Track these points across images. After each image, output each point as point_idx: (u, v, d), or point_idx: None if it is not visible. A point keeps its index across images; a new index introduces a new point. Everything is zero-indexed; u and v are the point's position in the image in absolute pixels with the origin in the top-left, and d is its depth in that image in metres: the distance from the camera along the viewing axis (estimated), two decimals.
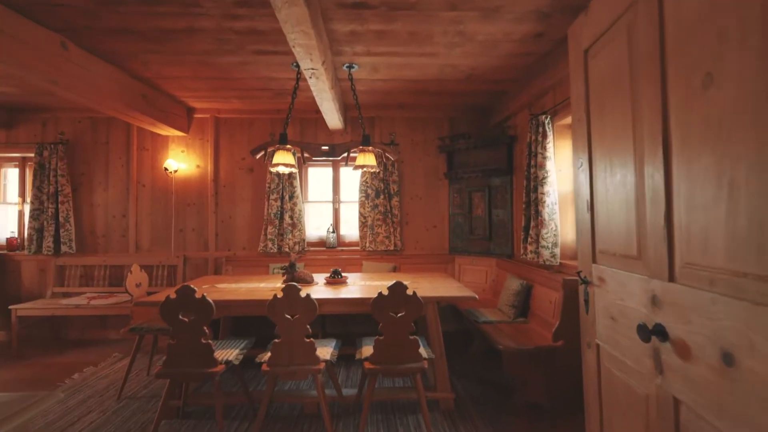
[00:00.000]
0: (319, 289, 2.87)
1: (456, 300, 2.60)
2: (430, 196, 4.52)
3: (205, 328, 2.10)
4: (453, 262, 4.43)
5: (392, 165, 4.37)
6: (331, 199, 4.68)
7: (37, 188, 4.24)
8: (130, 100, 3.30)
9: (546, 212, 2.87)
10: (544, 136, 2.96)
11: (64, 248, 4.22)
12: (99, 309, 3.88)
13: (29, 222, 4.22)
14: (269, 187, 4.32)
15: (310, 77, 2.59)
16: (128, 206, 4.41)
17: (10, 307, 3.91)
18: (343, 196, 4.70)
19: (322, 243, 4.61)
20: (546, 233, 2.85)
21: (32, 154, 4.38)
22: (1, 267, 4.35)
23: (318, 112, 4.38)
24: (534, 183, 3.02)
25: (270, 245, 4.24)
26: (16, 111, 4.33)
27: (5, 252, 4.36)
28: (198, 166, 4.45)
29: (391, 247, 4.34)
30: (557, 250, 2.84)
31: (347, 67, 3.06)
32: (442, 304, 3.41)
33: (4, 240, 4.49)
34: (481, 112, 4.48)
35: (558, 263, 2.84)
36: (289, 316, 2.14)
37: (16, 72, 2.36)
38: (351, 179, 4.72)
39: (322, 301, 2.56)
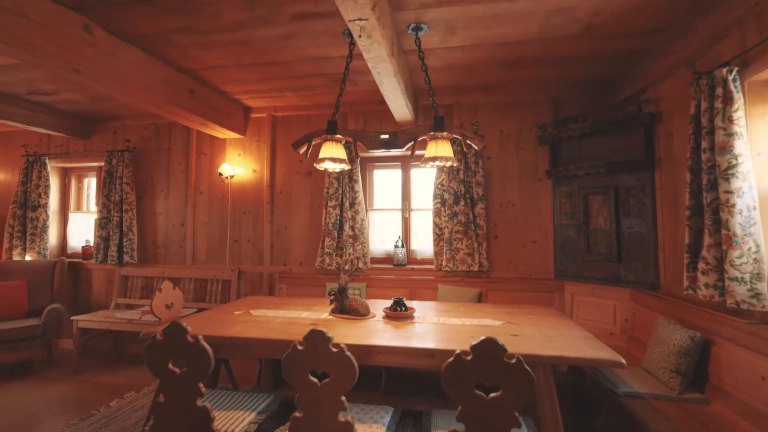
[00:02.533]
0: (373, 327, 2.15)
1: (587, 363, 1.66)
2: (526, 201, 3.55)
3: (200, 385, 1.51)
4: (561, 291, 3.37)
5: (475, 162, 3.51)
6: (399, 206, 3.97)
7: (105, 196, 4.26)
8: (173, 96, 3.00)
9: (737, 223, 1.77)
10: (728, 101, 1.88)
11: (126, 258, 4.16)
12: (149, 326, 3.66)
13: (97, 230, 4.26)
14: (327, 193, 3.77)
15: (360, 36, 1.92)
16: (186, 215, 4.22)
17: (72, 317, 3.91)
18: (414, 202, 3.96)
19: (389, 259, 3.91)
20: (739, 257, 1.75)
21: (103, 163, 4.46)
22: (76, 275, 4.46)
23: (383, 102, 3.72)
24: (710, 176, 1.93)
25: (327, 260, 3.67)
26: (92, 121, 4.46)
27: (80, 260, 4.47)
28: (254, 171, 4.10)
29: (475, 267, 3.45)
30: (763, 286, 1.72)
31: (413, 29, 2.34)
32: (561, 367, 2.40)
33: (80, 248, 4.64)
34: (598, 87, 3.40)
35: (766, 308, 1.72)
36: (314, 379, 1.44)
37: (34, 61, 2.10)
38: (424, 182, 3.97)
39: (374, 349, 1.83)
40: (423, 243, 3.91)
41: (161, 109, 3.03)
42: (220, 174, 3.98)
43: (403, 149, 2.48)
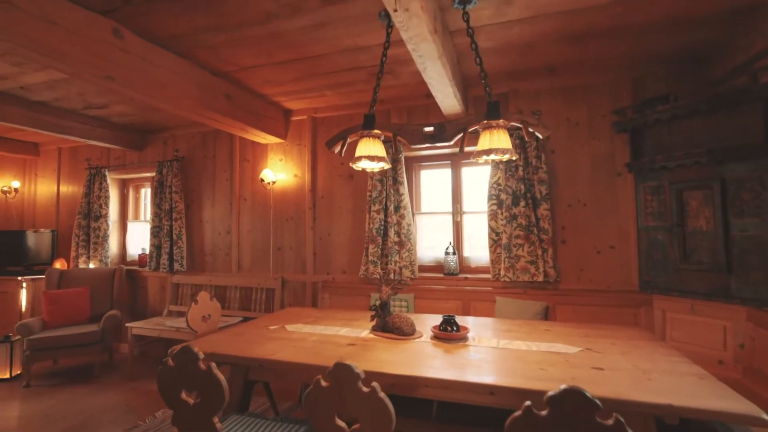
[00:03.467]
0: (419, 351, 1.85)
1: (710, 416, 1.23)
2: (600, 200, 3.05)
3: (215, 420, 1.30)
4: (648, 306, 2.83)
5: (537, 157, 3.08)
6: (450, 209, 3.63)
7: (157, 205, 4.38)
8: (209, 101, 2.94)
9: None
10: None
11: (176, 266, 4.23)
12: (192, 335, 3.65)
13: (150, 239, 4.39)
14: (370, 196, 3.53)
15: (395, 10, 1.64)
16: (231, 222, 4.21)
17: (127, 324, 4.02)
18: (466, 205, 3.60)
19: (439, 267, 3.58)
20: None
21: (155, 173, 4.60)
22: (133, 282, 4.64)
23: (429, 95, 3.42)
24: None
25: (372, 269, 3.42)
26: (144, 133, 4.63)
27: (137, 268, 4.64)
28: (296, 176, 3.98)
29: (539, 278, 3.02)
30: None
31: (460, 2, 2.02)
32: (670, 419, 1.91)
33: (137, 256, 4.82)
34: (692, 61, 2.83)
35: None
36: (342, 424, 1.17)
37: (67, 69, 2.08)
38: (477, 182, 3.59)
39: (419, 381, 1.53)
40: (477, 249, 3.53)
41: (197, 115, 2.98)
42: (262, 180, 3.90)
43: (451, 143, 2.16)
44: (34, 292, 4.40)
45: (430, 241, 3.70)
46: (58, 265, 4.57)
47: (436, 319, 2.52)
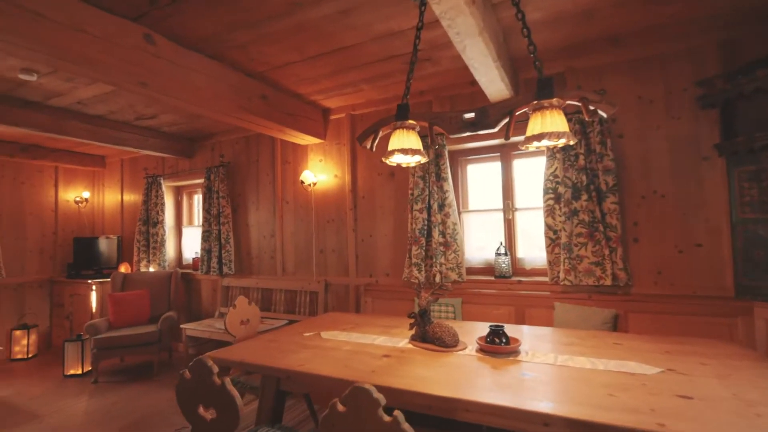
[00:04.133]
0: (461, 365, 1.64)
1: None
2: (682, 189, 2.61)
3: None
4: (747, 315, 2.37)
5: (602, 143, 2.71)
6: (500, 206, 3.35)
7: (206, 210, 4.54)
8: (245, 103, 2.94)
9: None
10: None
11: (225, 269, 4.35)
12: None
13: (201, 243, 4.56)
14: (412, 195, 3.36)
15: None
16: (275, 225, 4.25)
17: (181, 326, 4.20)
18: (519, 200, 3.30)
19: (489, 269, 3.31)
20: None
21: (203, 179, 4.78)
22: (188, 285, 4.86)
23: (473, 82, 3.18)
24: None
25: (415, 272, 3.24)
26: (193, 140, 4.83)
27: (191, 271, 4.86)
28: (336, 176, 3.92)
29: (606, 281, 2.65)
30: None
31: None
32: None
33: (191, 260, 5.06)
34: None
35: None
36: None
37: (101, 77, 2.15)
38: (531, 175, 3.28)
39: (458, 404, 1.34)
40: (532, 249, 3.21)
41: (233, 117, 3.00)
42: (302, 182, 3.88)
43: (496, 129, 1.92)
44: (102, 295, 4.76)
45: (479, 241, 3.44)
46: (123, 269, 4.91)
47: (484, 329, 2.29)
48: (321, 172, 3.99)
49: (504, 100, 1.85)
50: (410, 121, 1.98)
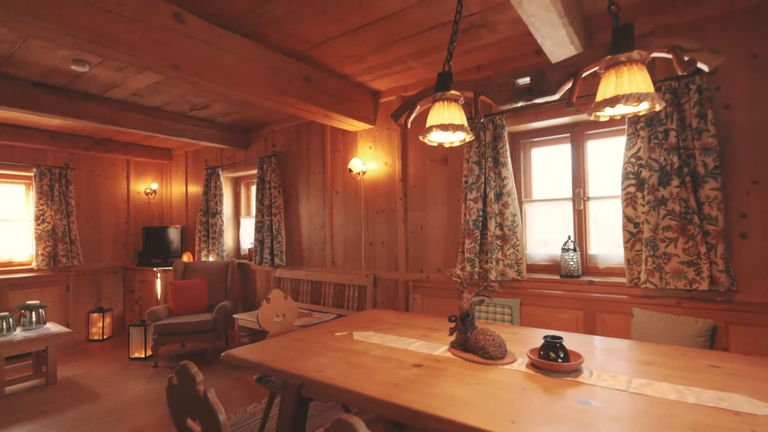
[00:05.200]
0: (506, 384, 1.41)
1: None
2: None
3: None
4: None
5: (700, 114, 2.24)
6: (570, 194, 2.97)
7: (259, 201, 4.66)
8: (285, 85, 2.89)
9: None
10: None
11: (276, 260, 4.44)
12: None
13: (254, 234, 4.69)
14: (466, 182, 3.10)
15: None
16: (325, 216, 4.23)
17: (234, 315, 4.37)
18: (592, 188, 2.90)
19: (554, 267, 2.96)
20: None
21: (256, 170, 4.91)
22: (244, 275, 5.05)
23: (539, 51, 2.82)
24: None
25: (469, 268, 3.00)
26: (247, 131, 4.98)
27: (247, 261, 5.05)
28: (386, 164, 3.77)
29: (702, 285, 2.20)
30: None
31: None
32: None
33: (247, 250, 5.25)
34: None
35: None
36: None
37: (132, 60, 2.19)
38: (608, 158, 2.86)
39: None
40: (607, 245, 2.80)
41: (271, 101, 2.96)
42: (350, 170, 3.79)
43: (557, 97, 1.62)
44: (166, 282, 5.12)
45: (543, 235, 3.09)
46: (185, 258, 5.24)
47: (544, 334, 1.99)
48: (371, 160, 3.86)
49: (567, 58, 1.55)
50: (452, 92, 1.75)
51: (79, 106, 3.58)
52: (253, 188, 5.44)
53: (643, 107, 1.39)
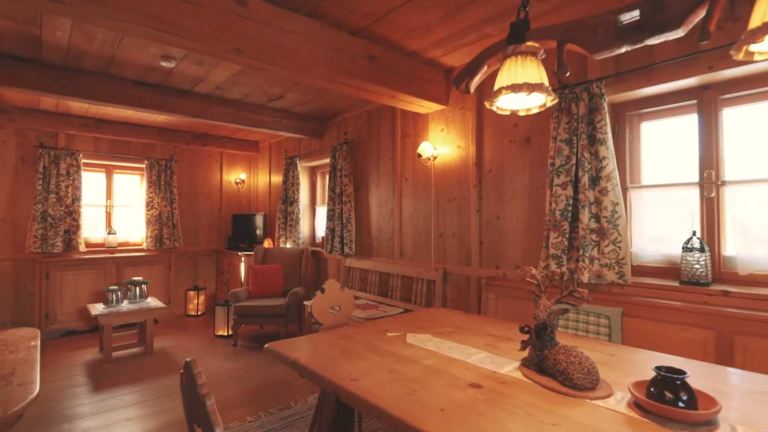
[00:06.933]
0: (594, 427, 0.99)
1: None
2: None
3: None
4: None
5: None
6: (695, 178, 2.29)
7: (331, 189, 4.57)
8: (347, 65, 2.67)
9: None
10: None
11: (346, 249, 4.32)
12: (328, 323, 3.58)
13: (326, 222, 4.63)
14: (552, 165, 2.59)
15: None
16: (393, 205, 3.97)
17: (304, 302, 4.36)
18: (729, 170, 2.19)
19: (669, 270, 2.32)
20: None
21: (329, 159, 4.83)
22: (317, 262, 5.05)
23: None
24: None
25: (554, 266, 2.50)
26: (322, 120, 4.92)
27: (320, 249, 5.04)
28: (459, 147, 3.37)
29: None
30: None
31: None
32: None
33: (321, 238, 5.24)
34: None
35: None
36: None
37: (195, 46, 2.13)
38: (751, 129, 2.13)
39: None
40: (750, 244, 2.09)
41: (334, 83, 2.76)
42: (419, 155, 3.46)
43: (682, 33, 1.12)
44: (248, 266, 5.34)
45: (656, 229, 2.45)
46: (266, 243, 5.41)
47: (651, 364, 1.48)
48: (442, 144, 3.49)
49: None
50: (529, 43, 1.33)
51: (172, 101, 3.79)
52: (328, 177, 5.40)
53: None
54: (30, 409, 2.82)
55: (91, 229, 5.11)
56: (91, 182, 5.16)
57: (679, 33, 1.11)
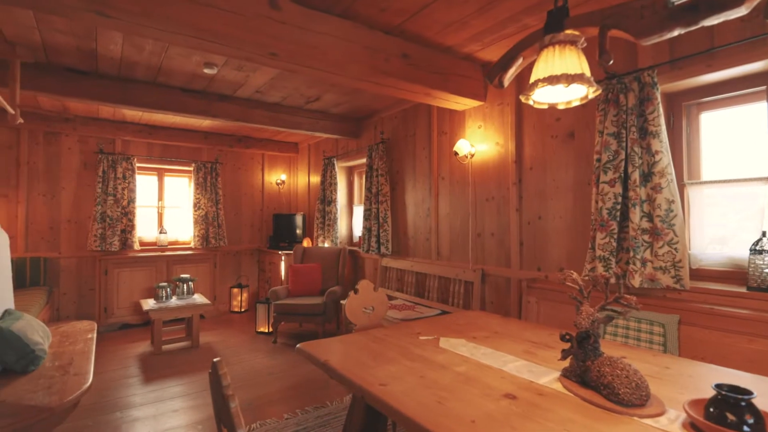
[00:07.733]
0: None
1: None
2: None
3: None
4: None
5: None
6: (764, 173, 2.06)
7: (367, 189, 4.58)
8: (381, 64, 2.64)
9: None
10: None
11: (382, 249, 4.31)
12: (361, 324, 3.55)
13: (363, 222, 4.64)
14: (599, 160, 2.43)
15: None
16: (430, 204, 3.91)
17: (341, 302, 4.39)
18: None
19: (735, 274, 2.10)
20: None
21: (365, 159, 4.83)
22: (355, 262, 5.08)
23: None
24: None
25: (601, 268, 2.35)
26: (359, 120, 4.93)
27: (357, 249, 5.06)
28: (497, 144, 3.25)
29: None
30: None
31: None
32: None
33: (358, 238, 5.26)
34: None
35: None
36: None
37: (232, 53, 2.19)
38: None
39: None
40: None
41: (368, 82, 2.74)
42: (456, 153, 3.37)
43: (745, 11, 0.99)
44: (288, 264, 5.46)
45: (718, 229, 2.23)
46: (305, 243, 5.52)
47: (711, 381, 1.33)
48: (480, 141, 3.39)
49: None
50: (567, 32, 1.24)
51: (215, 106, 3.96)
52: (364, 176, 5.42)
53: None
54: (85, 397, 3.04)
55: (145, 229, 5.45)
56: (145, 185, 5.50)
57: (741, 11, 0.99)
